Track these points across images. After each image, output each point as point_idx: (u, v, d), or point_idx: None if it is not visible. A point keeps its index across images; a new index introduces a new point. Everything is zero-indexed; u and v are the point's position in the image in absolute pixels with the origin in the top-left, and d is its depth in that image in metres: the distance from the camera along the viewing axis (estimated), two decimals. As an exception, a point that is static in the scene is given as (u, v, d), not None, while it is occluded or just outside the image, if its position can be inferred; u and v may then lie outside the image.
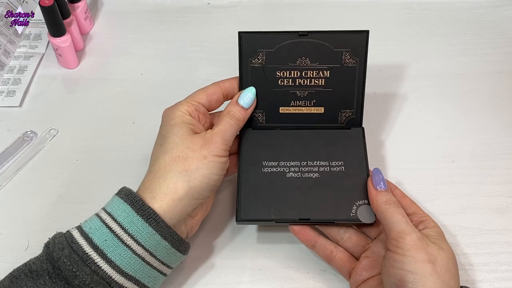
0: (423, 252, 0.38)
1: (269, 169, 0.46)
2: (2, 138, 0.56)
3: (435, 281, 0.37)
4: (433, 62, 0.63)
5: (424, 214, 0.43)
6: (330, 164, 0.46)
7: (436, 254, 0.38)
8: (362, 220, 0.44)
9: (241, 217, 0.44)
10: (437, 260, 0.38)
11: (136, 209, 0.39)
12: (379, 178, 0.43)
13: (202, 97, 0.45)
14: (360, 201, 0.44)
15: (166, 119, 0.44)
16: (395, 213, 0.40)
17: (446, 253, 0.39)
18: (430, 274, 0.37)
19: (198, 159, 0.41)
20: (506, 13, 0.68)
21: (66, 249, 0.37)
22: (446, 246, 0.40)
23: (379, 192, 0.43)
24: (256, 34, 0.46)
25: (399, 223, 0.39)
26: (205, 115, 0.46)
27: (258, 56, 0.46)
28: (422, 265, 0.37)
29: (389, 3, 0.69)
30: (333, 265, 0.45)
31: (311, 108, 0.48)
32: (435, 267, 0.38)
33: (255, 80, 0.47)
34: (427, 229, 0.41)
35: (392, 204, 0.41)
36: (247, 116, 0.46)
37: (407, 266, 0.38)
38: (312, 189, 0.45)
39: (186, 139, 0.42)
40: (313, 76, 0.47)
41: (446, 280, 0.37)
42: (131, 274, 0.39)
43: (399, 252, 0.38)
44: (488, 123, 0.56)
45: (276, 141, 0.48)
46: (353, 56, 0.46)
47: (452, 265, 0.39)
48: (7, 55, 0.63)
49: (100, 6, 0.70)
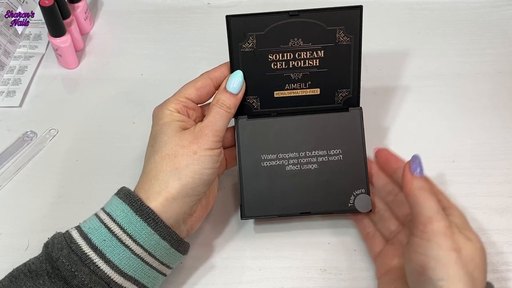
0: (450, 240, 0.37)
1: (268, 163, 0.46)
2: (2, 138, 0.56)
3: (458, 270, 0.36)
4: (433, 62, 0.63)
5: (449, 202, 0.42)
6: (328, 153, 0.47)
7: (463, 243, 0.37)
8: (360, 209, 0.46)
9: (245, 214, 0.46)
10: (463, 250, 0.37)
11: (135, 209, 0.39)
12: (417, 164, 0.41)
13: (191, 92, 0.44)
14: (358, 191, 0.46)
15: (155, 119, 0.44)
16: (428, 199, 0.39)
17: (473, 243, 0.38)
18: (454, 262, 0.36)
19: (188, 155, 0.41)
20: (506, 13, 0.68)
21: (65, 249, 0.37)
22: (473, 237, 0.39)
23: (414, 177, 0.40)
24: (245, 17, 0.44)
25: (430, 209, 0.38)
26: (195, 109, 0.45)
27: (248, 40, 0.45)
28: (447, 253, 0.36)
29: (389, 3, 0.69)
30: (367, 243, 0.47)
31: (307, 90, 0.47)
32: (459, 256, 0.36)
33: (247, 65, 0.45)
34: (451, 216, 0.40)
35: (427, 190, 0.39)
36: (237, 102, 0.45)
37: (431, 251, 0.37)
38: (311, 181, 0.46)
39: (174, 136, 0.42)
40: (307, 57, 0.46)
41: (470, 270, 0.36)
42: (130, 274, 0.38)
43: (424, 237, 0.37)
44: (488, 123, 0.56)
45: (273, 130, 0.47)
46: (347, 34, 0.45)
47: (478, 256, 0.37)
48: (7, 55, 0.63)
49: (100, 6, 0.70)
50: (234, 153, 0.48)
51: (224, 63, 0.46)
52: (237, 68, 0.45)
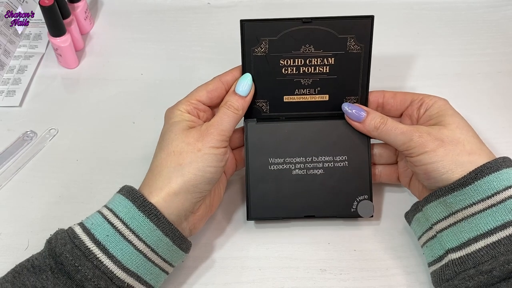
0: (430, 143, 0.42)
1: (275, 166, 0.47)
2: (2, 138, 0.56)
3: (450, 159, 0.41)
4: (433, 62, 0.63)
5: (420, 97, 0.46)
6: (334, 159, 0.47)
7: (440, 135, 0.42)
8: (362, 215, 0.47)
9: (252, 216, 0.47)
10: (444, 139, 0.42)
11: (138, 204, 0.40)
12: (353, 111, 0.46)
13: (202, 94, 0.45)
14: (361, 197, 0.47)
15: (166, 119, 0.45)
16: (388, 133, 0.44)
17: (448, 127, 0.43)
18: (444, 156, 0.41)
19: (192, 152, 0.42)
20: (506, 13, 0.68)
21: (68, 244, 0.38)
22: (448, 120, 0.43)
23: (362, 124, 0.45)
24: (259, 22, 0.45)
25: (397, 138, 0.43)
26: (206, 111, 0.46)
27: (261, 44, 0.46)
28: (435, 154, 0.41)
29: (389, 3, 0.69)
30: (383, 181, 0.50)
31: (316, 96, 0.47)
32: (445, 147, 0.42)
33: (258, 69, 0.46)
34: (428, 110, 0.45)
35: (380, 125, 0.44)
36: (246, 104, 0.45)
37: (424, 161, 0.42)
38: (316, 186, 0.47)
39: (181, 134, 0.43)
40: (317, 64, 0.46)
41: (458, 151, 0.41)
42: (133, 270, 0.39)
43: (413, 155, 0.43)
44: (488, 123, 0.56)
45: (281, 135, 0.47)
46: (358, 43, 0.46)
47: (460, 133, 0.42)
48: (7, 55, 0.63)
49: (100, 6, 0.70)
50: (242, 155, 0.48)
51: (236, 67, 0.47)
52: (249, 71, 0.46)
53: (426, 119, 0.45)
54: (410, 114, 0.47)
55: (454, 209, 0.41)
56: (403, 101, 0.47)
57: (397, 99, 0.47)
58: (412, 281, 0.46)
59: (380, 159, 0.49)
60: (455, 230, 0.40)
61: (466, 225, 0.40)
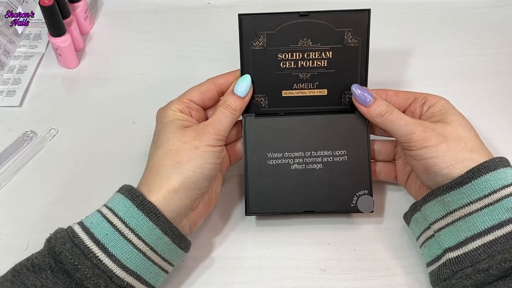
0: (433, 138, 0.42)
1: (274, 161, 0.47)
2: (2, 138, 0.56)
3: (451, 154, 0.41)
4: (433, 62, 0.63)
5: (423, 95, 0.46)
6: (334, 153, 0.47)
7: (443, 131, 0.42)
8: (362, 210, 0.47)
9: (250, 211, 0.47)
10: (447, 136, 0.42)
11: (137, 203, 0.40)
12: (362, 93, 0.45)
13: (194, 94, 0.46)
14: (361, 192, 0.47)
15: (159, 118, 0.45)
16: (393, 121, 0.44)
17: (451, 124, 0.43)
18: (445, 151, 0.41)
19: (189, 150, 0.42)
20: (506, 13, 0.68)
21: (67, 243, 0.38)
22: (451, 117, 0.43)
23: (369, 108, 0.45)
24: (257, 16, 0.45)
25: (401, 128, 0.43)
26: (198, 110, 0.46)
27: (259, 38, 0.46)
28: (437, 149, 0.41)
29: (389, 3, 0.69)
30: (382, 179, 0.50)
31: (314, 91, 0.47)
32: (448, 143, 0.42)
33: (256, 63, 0.46)
34: (431, 108, 0.45)
35: (386, 113, 0.44)
36: (243, 104, 0.46)
37: (425, 155, 0.42)
38: (315, 181, 0.47)
39: (177, 133, 0.43)
40: (315, 58, 0.46)
41: (460, 148, 0.41)
42: (132, 269, 0.39)
43: (414, 149, 0.43)
44: (488, 123, 0.56)
45: (280, 129, 0.47)
46: (355, 36, 0.46)
47: (462, 131, 0.43)
48: (7, 55, 0.63)
49: (100, 6, 0.70)
50: (236, 148, 0.49)
51: (230, 72, 0.47)
52: (247, 66, 0.46)
53: (428, 116, 0.45)
54: (413, 111, 0.47)
55: (452, 208, 0.41)
56: (406, 98, 0.47)
57: (400, 97, 0.47)
58: (412, 281, 0.46)
59: (379, 155, 0.49)
60: (453, 229, 0.41)
61: (463, 224, 0.40)
